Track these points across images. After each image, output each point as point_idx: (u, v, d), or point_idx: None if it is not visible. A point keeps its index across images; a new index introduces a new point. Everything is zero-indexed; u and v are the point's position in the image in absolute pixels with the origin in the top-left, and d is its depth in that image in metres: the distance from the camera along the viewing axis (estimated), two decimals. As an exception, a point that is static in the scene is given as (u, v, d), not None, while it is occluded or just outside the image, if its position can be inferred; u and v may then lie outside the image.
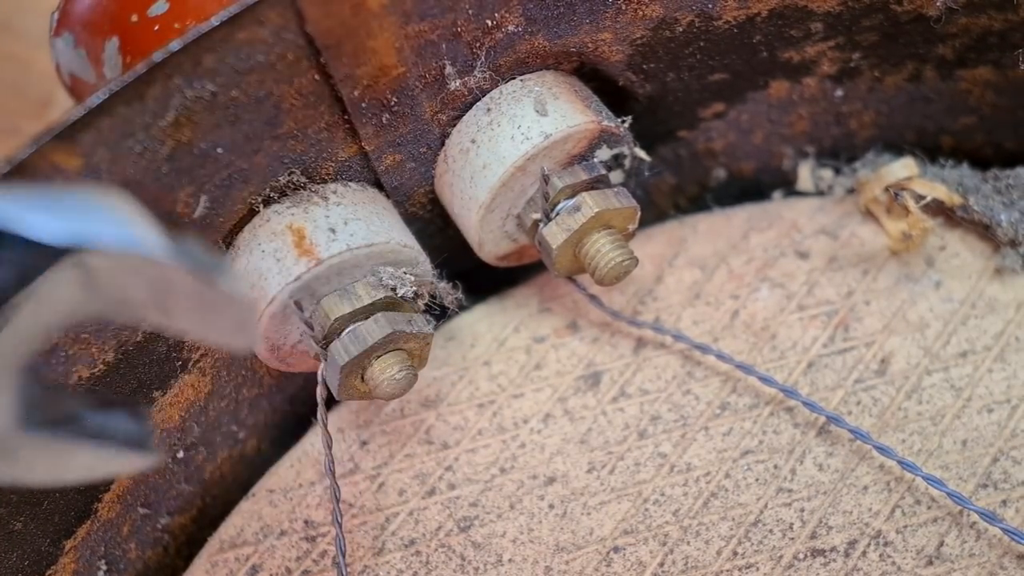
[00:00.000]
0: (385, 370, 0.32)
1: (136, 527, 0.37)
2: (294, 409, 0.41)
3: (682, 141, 0.42)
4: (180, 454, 0.37)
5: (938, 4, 0.36)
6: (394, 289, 0.32)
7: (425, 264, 0.34)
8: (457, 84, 0.33)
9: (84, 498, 0.34)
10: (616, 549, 0.35)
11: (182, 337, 0.34)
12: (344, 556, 0.34)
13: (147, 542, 0.38)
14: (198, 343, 0.34)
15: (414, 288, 0.33)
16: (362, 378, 0.32)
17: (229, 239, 0.32)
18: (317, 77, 0.30)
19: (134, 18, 0.36)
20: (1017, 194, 0.40)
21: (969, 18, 0.37)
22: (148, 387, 0.34)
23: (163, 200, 0.28)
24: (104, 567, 0.35)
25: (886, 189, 0.40)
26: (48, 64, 0.40)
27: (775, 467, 0.36)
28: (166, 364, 0.34)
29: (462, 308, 0.38)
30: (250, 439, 0.40)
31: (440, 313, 0.37)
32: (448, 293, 0.36)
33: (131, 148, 0.26)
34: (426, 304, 0.35)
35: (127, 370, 0.32)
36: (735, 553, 0.34)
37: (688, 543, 0.35)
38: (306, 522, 0.37)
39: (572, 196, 0.35)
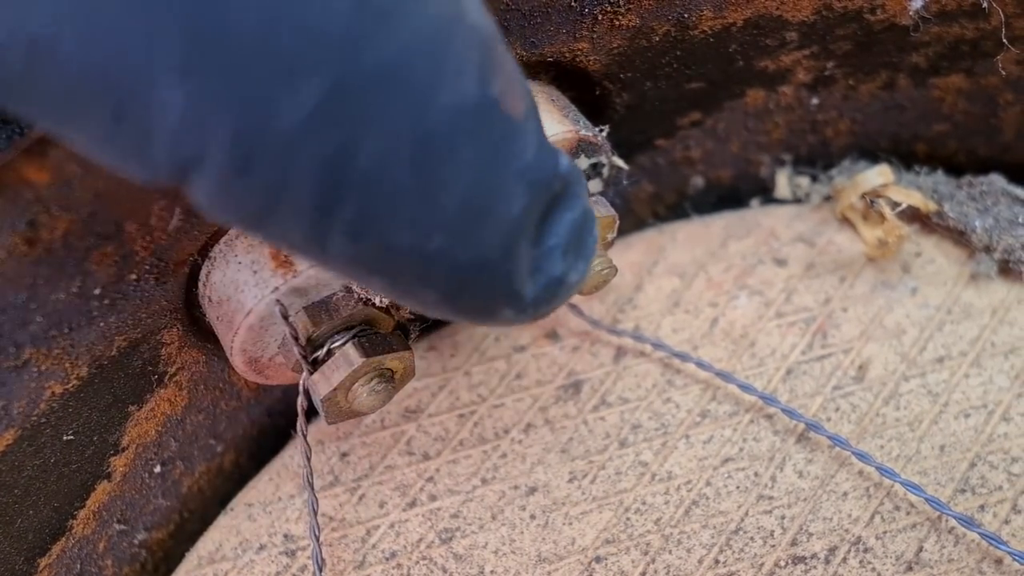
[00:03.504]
0: (364, 388, 0.31)
1: (112, 543, 0.36)
2: (273, 422, 0.41)
3: (660, 149, 0.42)
4: (157, 469, 0.37)
5: (911, 13, 0.36)
6: (370, 301, 0.32)
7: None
8: (434, 94, 0.33)
9: (58, 515, 0.33)
10: (598, 559, 0.35)
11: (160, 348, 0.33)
12: (322, 571, 0.33)
13: (124, 558, 0.37)
14: (174, 358, 0.34)
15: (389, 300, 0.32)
16: (345, 397, 0.32)
17: (205, 251, 0.32)
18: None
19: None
20: (991, 200, 0.40)
21: (941, 27, 0.38)
22: (123, 402, 0.33)
23: (137, 213, 0.28)
24: (79, 585, 0.35)
25: (862, 196, 0.40)
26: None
27: (755, 474, 0.36)
28: (142, 378, 0.33)
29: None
30: (228, 452, 0.40)
31: (421, 321, 0.36)
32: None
33: (104, 161, 0.26)
34: (409, 314, 0.35)
35: (102, 385, 0.32)
36: (716, 561, 0.34)
37: (670, 552, 0.35)
38: (285, 536, 0.36)
39: (551, 206, 0.35)
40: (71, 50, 0.17)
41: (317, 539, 0.33)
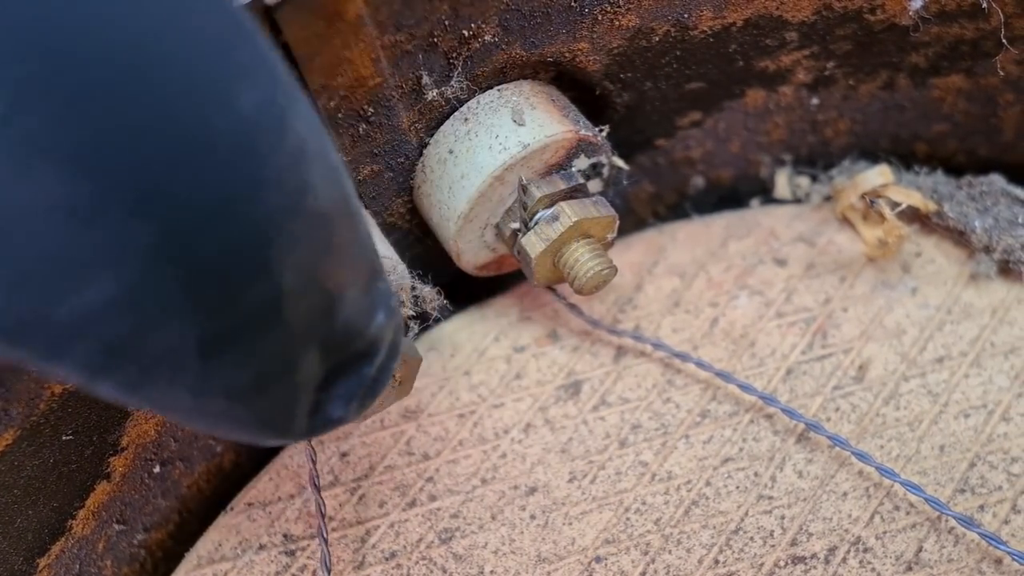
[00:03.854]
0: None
1: (112, 543, 0.36)
2: (273, 422, 0.41)
3: (660, 149, 0.42)
4: (156, 469, 0.37)
5: (911, 14, 0.36)
6: None
7: (401, 270, 0.34)
8: (434, 94, 0.33)
9: (58, 515, 0.33)
10: (598, 559, 0.35)
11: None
12: (329, 571, 0.33)
13: (123, 558, 0.37)
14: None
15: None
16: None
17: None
18: (293, 88, 0.30)
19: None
20: (990, 200, 0.40)
21: (941, 27, 0.38)
22: (123, 402, 0.33)
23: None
24: (79, 585, 0.35)
25: (862, 196, 0.40)
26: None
27: (755, 474, 0.36)
28: (141, 378, 0.33)
29: (445, 314, 0.38)
30: (228, 452, 0.40)
31: (423, 320, 0.36)
32: (432, 299, 0.36)
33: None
34: (410, 312, 0.35)
35: (101, 385, 0.32)
36: (716, 561, 0.34)
37: (670, 552, 0.35)
38: (285, 536, 0.36)
39: (550, 205, 0.35)
40: None
41: (326, 541, 0.33)
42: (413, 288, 0.34)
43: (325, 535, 0.33)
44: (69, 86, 0.16)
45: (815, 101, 0.41)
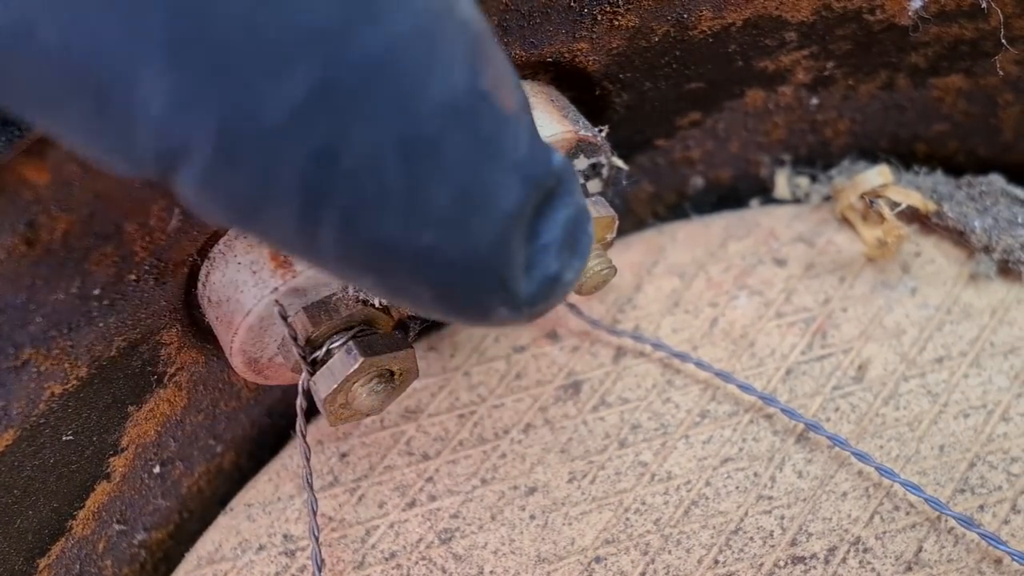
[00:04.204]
0: (363, 388, 0.31)
1: (112, 544, 0.36)
2: (272, 422, 0.41)
3: (660, 150, 0.42)
4: (156, 469, 0.37)
5: (910, 14, 0.36)
6: (368, 301, 0.32)
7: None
8: (434, 94, 0.33)
9: (58, 515, 0.33)
10: (598, 559, 0.35)
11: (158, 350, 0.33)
12: (322, 571, 0.33)
13: (123, 559, 0.37)
14: (173, 358, 0.34)
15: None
16: (346, 398, 0.32)
17: (204, 251, 0.32)
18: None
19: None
20: (990, 200, 0.40)
21: (940, 27, 0.38)
22: (123, 402, 0.33)
23: (136, 213, 0.28)
24: (79, 585, 0.35)
25: (862, 196, 0.40)
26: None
27: (755, 475, 0.36)
28: (141, 379, 0.33)
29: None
30: (228, 453, 0.40)
31: (423, 320, 0.36)
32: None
33: (103, 161, 0.26)
34: (411, 312, 0.35)
35: (101, 385, 0.32)
36: (716, 561, 0.34)
37: (669, 552, 0.35)
38: (285, 536, 0.36)
39: (550, 206, 0.35)
40: (49, 38, 0.17)
41: (316, 540, 0.33)
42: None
43: (316, 534, 0.33)
44: None
45: (815, 101, 0.41)
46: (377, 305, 0.32)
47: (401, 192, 0.19)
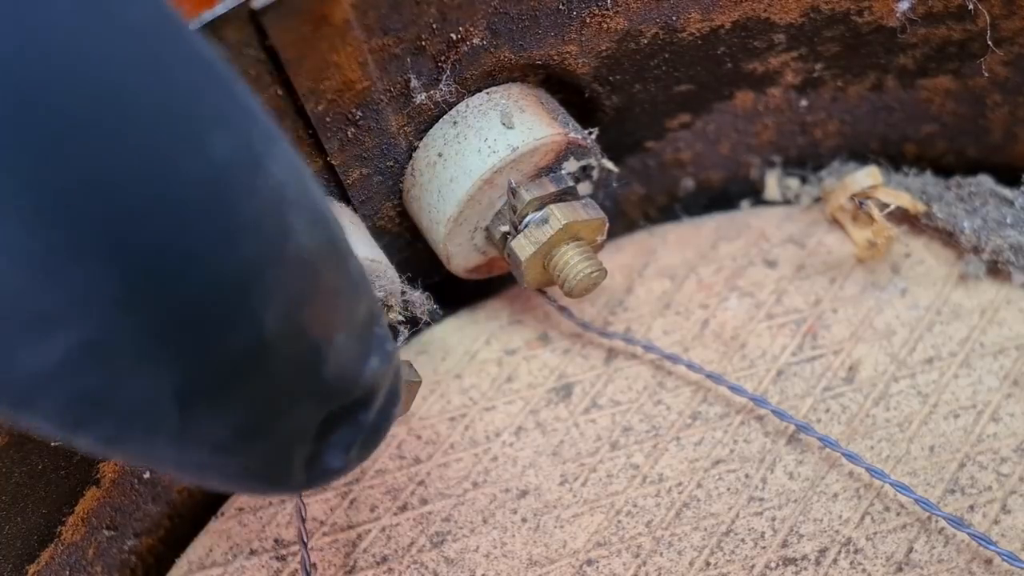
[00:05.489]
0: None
1: (102, 550, 0.36)
2: (263, 426, 0.41)
3: (650, 152, 0.42)
4: (146, 474, 0.37)
5: (898, 15, 0.37)
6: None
7: (391, 274, 0.34)
8: (423, 98, 0.33)
9: (47, 521, 0.33)
10: (589, 562, 0.35)
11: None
12: (308, 575, 0.33)
13: (114, 565, 0.37)
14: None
15: (379, 300, 0.32)
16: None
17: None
18: (280, 92, 0.30)
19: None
20: (979, 201, 0.40)
21: (928, 28, 0.38)
22: (112, 407, 0.33)
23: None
24: (69, 591, 0.35)
25: (851, 198, 0.40)
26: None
27: (746, 476, 0.36)
28: (130, 383, 0.33)
29: (436, 318, 0.38)
30: (219, 457, 0.40)
31: (413, 324, 0.36)
32: (422, 303, 0.36)
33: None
34: (399, 316, 0.35)
35: (90, 390, 0.32)
36: (708, 563, 0.34)
37: (661, 554, 0.35)
38: (276, 541, 0.36)
39: (540, 208, 0.35)
40: None
41: (305, 545, 0.33)
42: (403, 293, 0.34)
43: (305, 539, 0.33)
44: (33, 135, 0.15)
45: (804, 103, 0.41)
46: None
47: (175, 429, 0.18)
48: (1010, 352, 0.38)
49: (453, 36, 0.32)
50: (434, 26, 0.31)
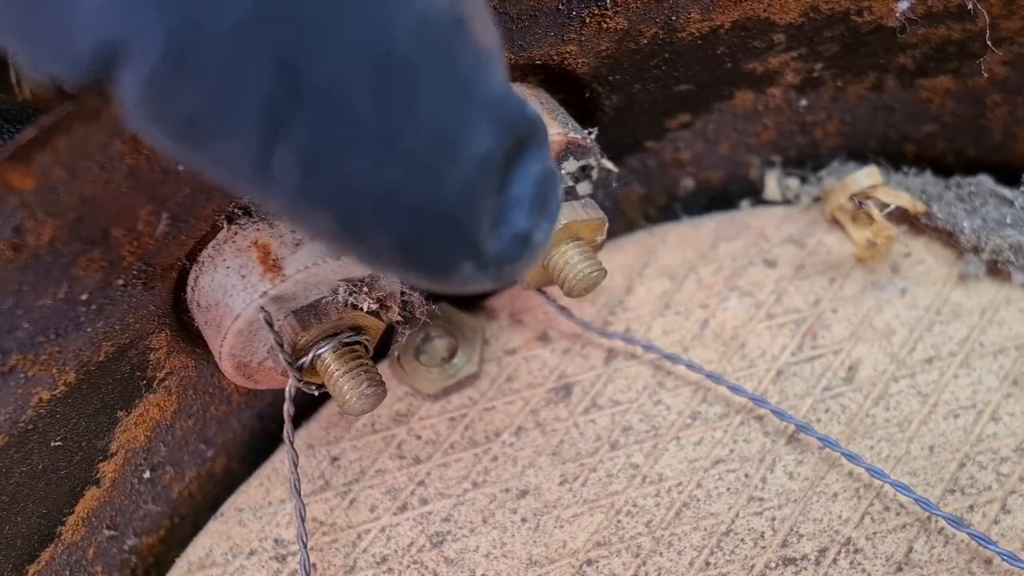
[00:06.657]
0: (354, 387, 0.31)
1: (102, 549, 0.36)
2: (263, 426, 0.41)
3: (650, 151, 0.42)
4: (146, 474, 0.37)
5: (898, 15, 0.37)
6: (358, 305, 0.32)
7: (390, 277, 0.34)
8: (423, 98, 0.33)
9: (47, 521, 0.33)
10: (589, 562, 0.35)
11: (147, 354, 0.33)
12: (308, 575, 0.33)
13: (114, 564, 0.37)
14: (163, 363, 0.34)
15: (377, 303, 0.32)
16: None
17: (193, 255, 0.32)
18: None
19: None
20: (979, 201, 0.40)
21: (928, 28, 0.38)
22: (112, 407, 0.33)
23: (124, 218, 0.28)
24: (69, 591, 0.35)
25: (851, 197, 0.40)
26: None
27: (746, 476, 0.36)
28: (130, 384, 0.33)
29: (433, 319, 0.38)
30: (219, 457, 0.40)
31: (412, 326, 0.36)
32: (420, 305, 0.36)
33: (89, 167, 0.26)
34: (399, 318, 0.35)
35: (90, 390, 0.32)
36: (707, 563, 0.34)
37: (661, 554, 0.35)
38: (276, 541, 0.36)
39: (540, 208, 0.35)
40: None
41: (305, 546, 0.33)
42: (402, 294, 0.34)
43: (305, 539, 0.33)
44: None
45: (804, 103, 0.41)
46: (366, 309, 0.32)
47: (368, 121, 0.17)
48: (1010, 352, 0.38)
49: (453, 36, 0.32)
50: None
